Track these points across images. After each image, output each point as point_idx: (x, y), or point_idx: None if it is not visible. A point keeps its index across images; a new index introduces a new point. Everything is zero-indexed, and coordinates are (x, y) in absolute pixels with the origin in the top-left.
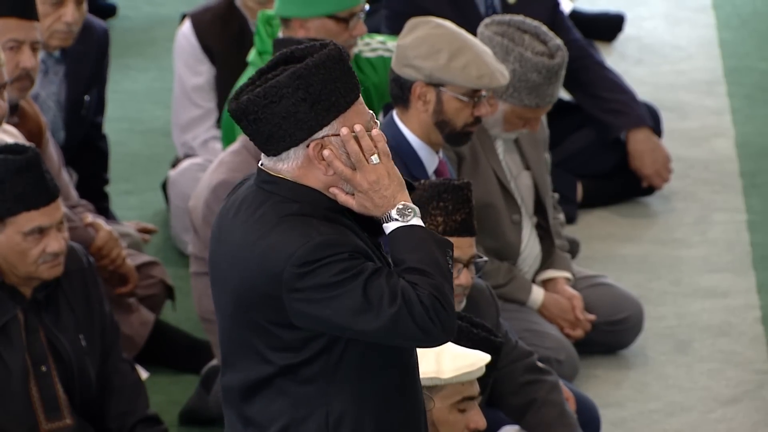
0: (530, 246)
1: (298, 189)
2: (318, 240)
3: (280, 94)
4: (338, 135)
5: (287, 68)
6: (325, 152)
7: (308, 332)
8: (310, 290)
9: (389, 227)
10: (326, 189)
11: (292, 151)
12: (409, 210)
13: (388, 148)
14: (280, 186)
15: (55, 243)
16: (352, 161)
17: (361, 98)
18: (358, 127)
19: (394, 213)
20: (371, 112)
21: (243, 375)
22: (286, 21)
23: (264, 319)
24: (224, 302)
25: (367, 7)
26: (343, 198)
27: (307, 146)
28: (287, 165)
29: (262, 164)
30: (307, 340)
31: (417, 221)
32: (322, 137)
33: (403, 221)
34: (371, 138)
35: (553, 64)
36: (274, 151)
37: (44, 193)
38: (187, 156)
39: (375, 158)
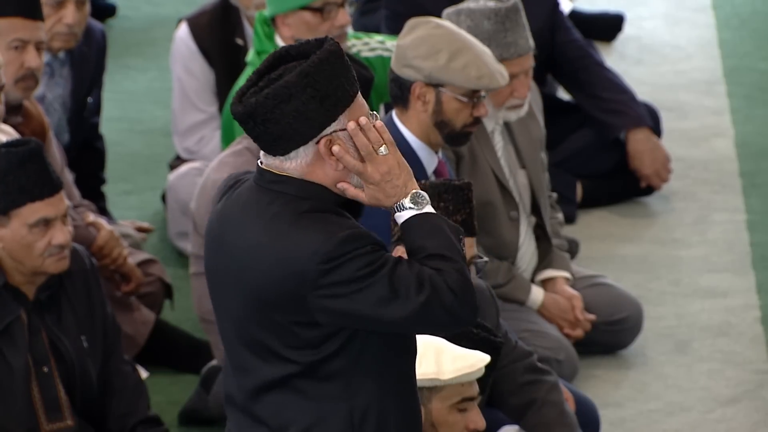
0: (527, 243)
1: (307, 186)
2: (342, 235)
3: (290, 93)
4: (345, 129)
5: (288, 67)
6: (335, 148)
7: (328, 329)
8: (336, 286)
9: (403, 216)
10: (334, 185)
11: (301, 149)
12: (422, 197)
13: (392, 138)
14: (288, 185)
15: (61, 235)
16: (362, 154)
17: (359, 91)
18: (363, 120)
19: (407, 201)
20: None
21: (255, 376)
22: (272, 21)
23: (285, 318)
24: (232, 305)
25: None
26: (353, 192)
27: (317, 143)
28: (295, 163)
29: (263, 164)
30: (327, 336)
31: (430, 208)
32: (331, 133)
33: (418, 209)
34: (376, 129)
35: (501, 7)
36: (282, 150)
37: (48, 184)
38: (188, 160)
39: (383, 149)
